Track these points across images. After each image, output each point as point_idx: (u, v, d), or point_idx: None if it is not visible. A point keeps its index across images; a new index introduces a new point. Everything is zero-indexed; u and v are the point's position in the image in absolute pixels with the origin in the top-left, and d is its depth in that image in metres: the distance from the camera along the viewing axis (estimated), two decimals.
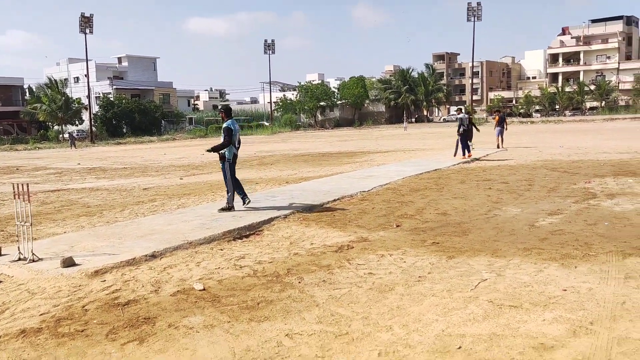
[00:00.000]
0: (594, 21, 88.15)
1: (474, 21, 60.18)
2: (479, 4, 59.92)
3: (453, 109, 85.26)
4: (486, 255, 5.81)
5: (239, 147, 8.83)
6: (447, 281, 5.01)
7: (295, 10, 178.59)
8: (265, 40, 68.14)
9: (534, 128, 45.61)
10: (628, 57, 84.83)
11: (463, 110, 18.11)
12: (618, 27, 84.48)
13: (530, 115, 77.30)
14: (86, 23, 48.61)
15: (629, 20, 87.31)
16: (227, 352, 3.61)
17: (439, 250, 6.10)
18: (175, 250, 6.15)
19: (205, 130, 59.66)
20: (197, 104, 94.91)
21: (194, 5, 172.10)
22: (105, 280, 5.09)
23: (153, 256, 5.84)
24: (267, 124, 70.37)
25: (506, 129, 21.96)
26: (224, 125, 8.58)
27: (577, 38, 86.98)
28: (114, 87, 63.50)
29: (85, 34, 48.92)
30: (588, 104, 77.07)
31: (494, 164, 15.51)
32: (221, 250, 6.37)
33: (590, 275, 4.98)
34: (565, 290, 4.61)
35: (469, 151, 17.35)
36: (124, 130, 56.73)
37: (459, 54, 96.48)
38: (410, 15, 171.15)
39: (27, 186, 5.65)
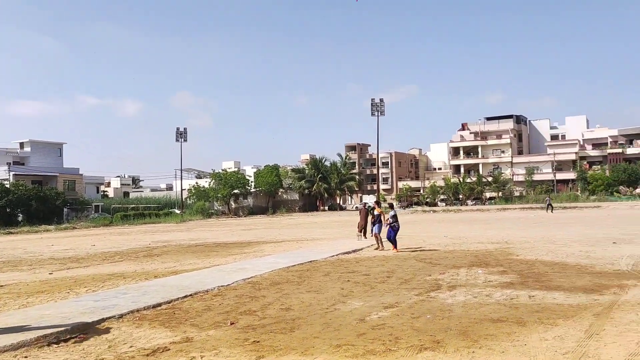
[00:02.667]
0: (488, 119, 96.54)
1: (378, 115, 64.20)
2: (381, 100, 64.36)
3: (365, 197, 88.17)
4: (295, 354, 5.87)
5: None
6: None
7: (214, 94, 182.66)
8: (178, 128, 68.55)
9: (434, 217, 47.83)
10: (520, 152, 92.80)
11: (394, 205, 17.56)
12: (509, 124, 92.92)
13: (436, 204, 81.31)
14: None
15: (519, 119, 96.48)
16: None
17: (254, 350, 6.09)
18: None
19: (111, 218, 57.55)
20: (106, 191, 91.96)
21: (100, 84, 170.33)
22: None
23: None
24: (178, 211, 69.10)
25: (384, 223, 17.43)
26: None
27: (475, 133, 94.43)
28: (12, 173, 60.53)
29: None
30: (487, 194, 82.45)
31: (370, 255, 16.00)
32: (25, 358, 6.00)
33: None
34: None
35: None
36: (19, 218, 53.55)
37: (369, 145, 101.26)
38: (326, 105, 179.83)
39: None
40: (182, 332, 7.01)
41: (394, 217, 16.96)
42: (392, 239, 16.78)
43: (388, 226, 16.85)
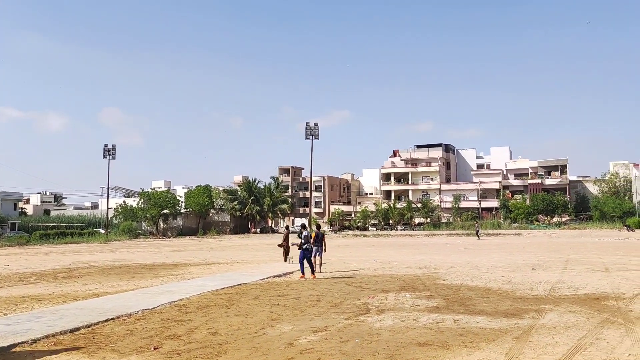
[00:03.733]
0: (419, 146, 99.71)
1: (312, 139, 64.86)
2: (316, 124, 65.18)
3: (298, 220, 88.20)
4: None
5: None
6: None
7: (145, 112, 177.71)
8: (106, 145, 66.05)
9: (365, 241, 48.49)
10: (447, 180, 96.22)
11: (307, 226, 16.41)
12: (438, 153, 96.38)
13: (367, 229, 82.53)
14: None
15: (447, 148, 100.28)
16: None
17: None
18: None
19: (28, 237, 54.24)
20: (25, 209, 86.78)
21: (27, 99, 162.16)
22: None
23: None
24: (102, 231, 66.24)
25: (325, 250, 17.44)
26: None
27: (406, 160, 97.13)
28: None
29: None
30: (417, 220, 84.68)
31: (301, 279, 15.93)
32: None
33: None
34: None
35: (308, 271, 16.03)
36: None
37: (303, 169, 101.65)
38: (260, 127, 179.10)
39: None
40: (101, 358, 6.66)
41: (305, 237, 15.96)
42: (300, 262, 16.04)
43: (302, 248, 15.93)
